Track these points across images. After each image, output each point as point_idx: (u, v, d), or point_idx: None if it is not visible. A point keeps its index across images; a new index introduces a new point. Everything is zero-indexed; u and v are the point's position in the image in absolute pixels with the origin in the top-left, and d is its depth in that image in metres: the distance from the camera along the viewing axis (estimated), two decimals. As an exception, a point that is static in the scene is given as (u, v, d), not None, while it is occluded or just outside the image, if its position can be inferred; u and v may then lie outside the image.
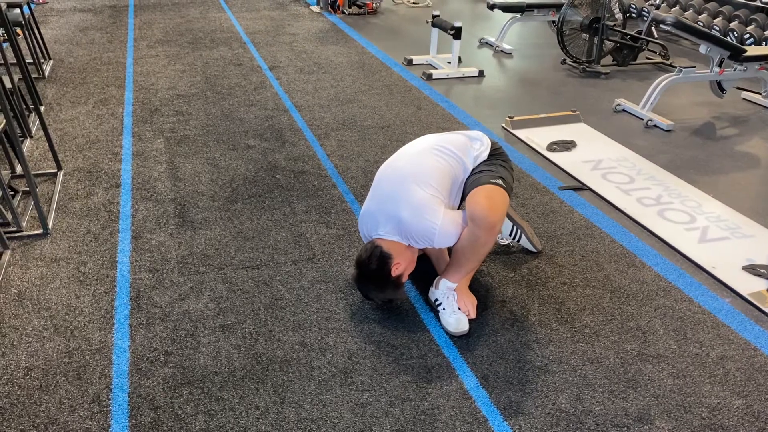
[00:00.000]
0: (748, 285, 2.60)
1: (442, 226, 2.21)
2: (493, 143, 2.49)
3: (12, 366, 2.11)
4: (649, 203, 3.24)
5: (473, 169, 2.39)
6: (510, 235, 2.77)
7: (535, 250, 2.79)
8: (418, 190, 2.24)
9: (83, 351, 2.18)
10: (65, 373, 2.09)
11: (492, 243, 2.27)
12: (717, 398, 2.04)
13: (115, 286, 2.53)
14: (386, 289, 2.30)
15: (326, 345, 2.24)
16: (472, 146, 2.44)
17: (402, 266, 2.27)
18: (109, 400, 1.99)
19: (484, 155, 2.43)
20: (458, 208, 2.42)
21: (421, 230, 2.23)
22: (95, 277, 2.58)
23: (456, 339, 2.28)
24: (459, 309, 2.34)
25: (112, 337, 2.25)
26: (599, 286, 2.59)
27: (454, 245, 2.30)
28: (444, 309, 2.35)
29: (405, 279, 2.31)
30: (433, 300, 2.42)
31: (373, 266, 2.24)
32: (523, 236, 2.75)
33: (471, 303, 2.38)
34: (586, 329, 2.34)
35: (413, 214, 2.22)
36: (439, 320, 2.36)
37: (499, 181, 2.30)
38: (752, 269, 2.70)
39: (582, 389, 2.07)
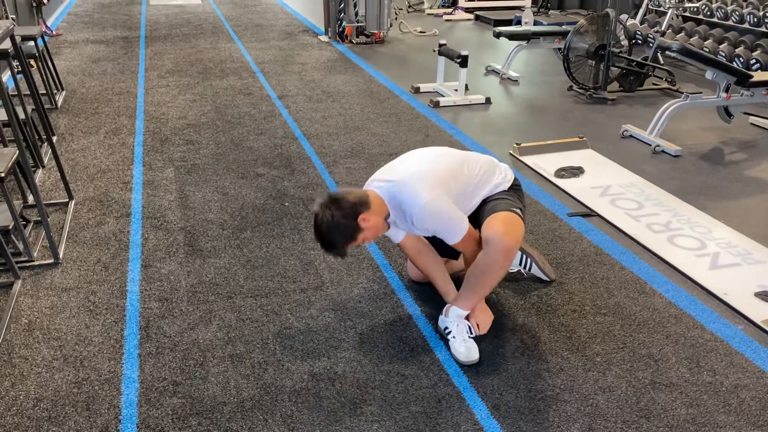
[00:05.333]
0: (761, 312, 2.57)
1: (429, 202, 2.19)
2: (515, 180, 2.52)
3: (21, 396, 2.11)
4: (659, 229, 3.22)
5: (492, 196, 2.40)
6: (520, 264, 2.76)
7: (547, 279, 2.77)
8: (427, 167, 2.28)
9: (92, 381, 2.18)
10: (74, 403, 2.08)
11: (507, 268, 2.27)
12: (732, 428, 2.01)
13: (125, 315, 2.53)
14: (342, 230, 2.17)
15: (335, 374, 2.22)
16: (498, 173, 2.47)
17: (370, 222, 2.19)
18: (118, 431, 1.98)
19: (505, 186, 2.45)
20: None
21: (408, 197, 2.21)
22: (105, 307, 2.59)
23: (466, 368, 2.26)
24: (471, 337, 2.33)
25: (122, 367, 2.25)
26: (610, 314, 2.57)
27: (466, 270, 2.30)
28: (454, 337, 2.33)
29: (359, 241, 2.22)
30: (442, 328, 2.41)
31: (350, 198, 2.17)
32: (534, 265, 2.74)
33: (485, 317, 2.41)
34: (597, 357, 2.32)
35: (408, 178, 2.25)
36: (449, 349, 2.35)
37: (518, 210, 2.32)
38: (765, 296, 2.67)
39: (594, 419, 2.04)
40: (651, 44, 6.85)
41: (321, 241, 2.22)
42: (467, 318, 2.36)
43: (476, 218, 2.40)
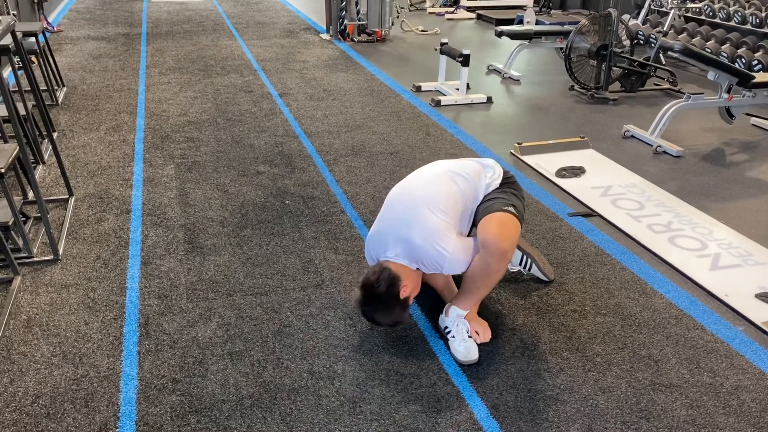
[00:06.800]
0: (761, 313, 2.57)
1: (453, 253, 2.21)
2: (505, 172, 2.50)
3: (20, 393, 2.11)
4: (660, 230, 3.22)
5: (485, 197, 2.40)
6: (520, 264, 2.75)
7: (546, 280, 2.77)
8: (431, 215, 2.25)
9: (91, 378, 2.18)
10: (73, 400, 2.08)
11: (503, 270, 2.26)
12: (732, 430, 2.01)
13: (124, 312, 2.53)
14: (393, 312, 2.25)
15: (334, 373, 2.22)
16: (485, 174, 2.45)
17: (409, 288, 2.26)
18: (117, 428, 1.97)
19: (496, 183, 2.44)
20: (469, 235, 2.42)
21: (431, 256, 2.23)
22: (104, 304, 2.58)
23: (466, 367, 2.26)
24: (470, 337, 2.32)
25: (121, 364, 2.25)
26: (610, 314, 2.57)
27: (465, 272, 2.29)
28: (454, 337, 2.33)
29: (411, 302, 2.30)
30: (442, 328, 2.40)
31: (381, 288, 2.20)
32: (533, 266, 2.73)
33: (483, 328, 2.38)
34: (597, 358, 2.32)
35: (425, 239, 2.22)
36: (448, 348, 2.34)
37: (511, 209, 2.31)
38: (765, 297, 2.66)
39: (594, 419, 2.04)
40: (653, 44, 6.84)
41: (387, 326, 2.40)
42: (470, 336, 2.35)
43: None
